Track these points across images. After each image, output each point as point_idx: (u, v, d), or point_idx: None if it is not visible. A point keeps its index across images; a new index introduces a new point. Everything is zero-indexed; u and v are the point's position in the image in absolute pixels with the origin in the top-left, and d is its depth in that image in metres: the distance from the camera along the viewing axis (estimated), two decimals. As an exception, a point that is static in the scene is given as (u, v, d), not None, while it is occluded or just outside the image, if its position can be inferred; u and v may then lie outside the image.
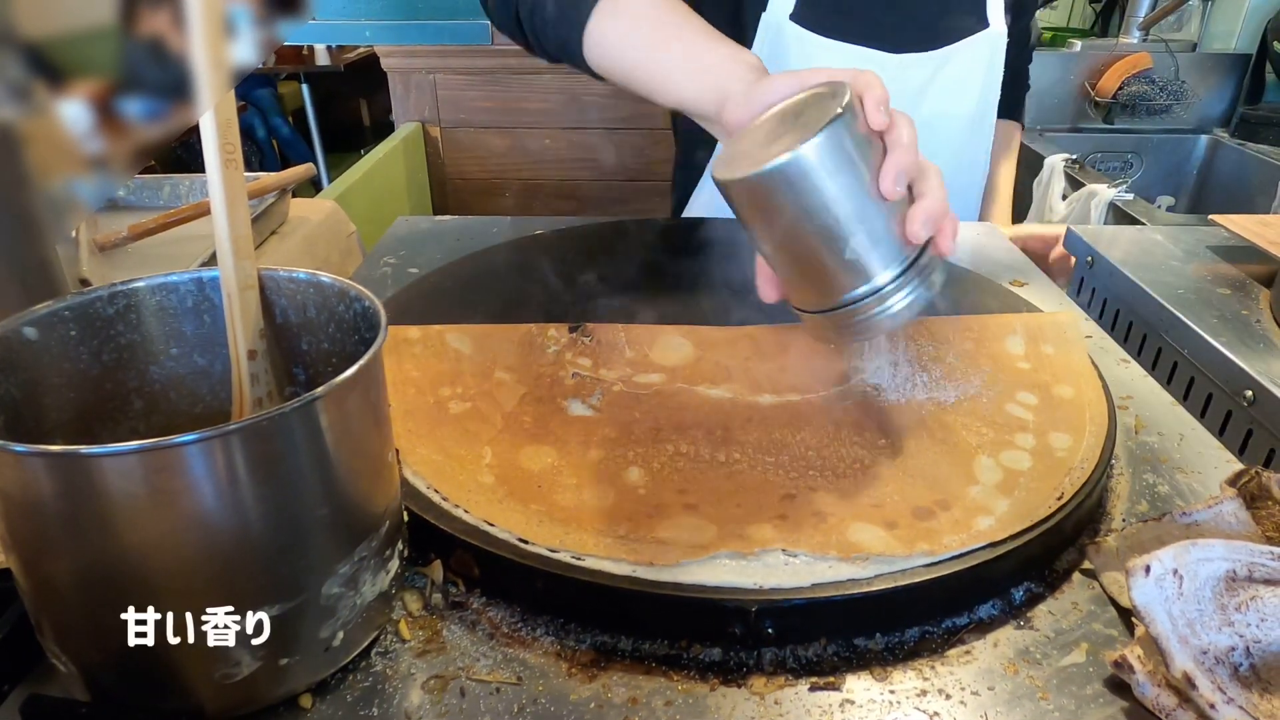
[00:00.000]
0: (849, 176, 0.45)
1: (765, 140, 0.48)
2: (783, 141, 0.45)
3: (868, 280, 0.47)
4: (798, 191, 0.45)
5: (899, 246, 0.47)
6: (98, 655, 0.36)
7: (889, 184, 0.46)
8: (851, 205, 0.45)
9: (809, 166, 0.44)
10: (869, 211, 0.46)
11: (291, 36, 2.76)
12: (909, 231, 0.47)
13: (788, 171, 0.44)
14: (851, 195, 0.45)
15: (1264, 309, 0.83)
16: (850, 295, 0.47)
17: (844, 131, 0.45)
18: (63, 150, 0.42)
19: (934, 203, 0.47)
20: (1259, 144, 1.88)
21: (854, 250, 0.46)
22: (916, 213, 0.47)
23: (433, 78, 2.07)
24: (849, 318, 0.48)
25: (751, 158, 0.46)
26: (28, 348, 0.39)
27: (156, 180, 1.15)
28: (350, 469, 0.37)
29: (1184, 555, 0.40)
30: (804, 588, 0.42)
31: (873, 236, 0.46)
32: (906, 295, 0.47)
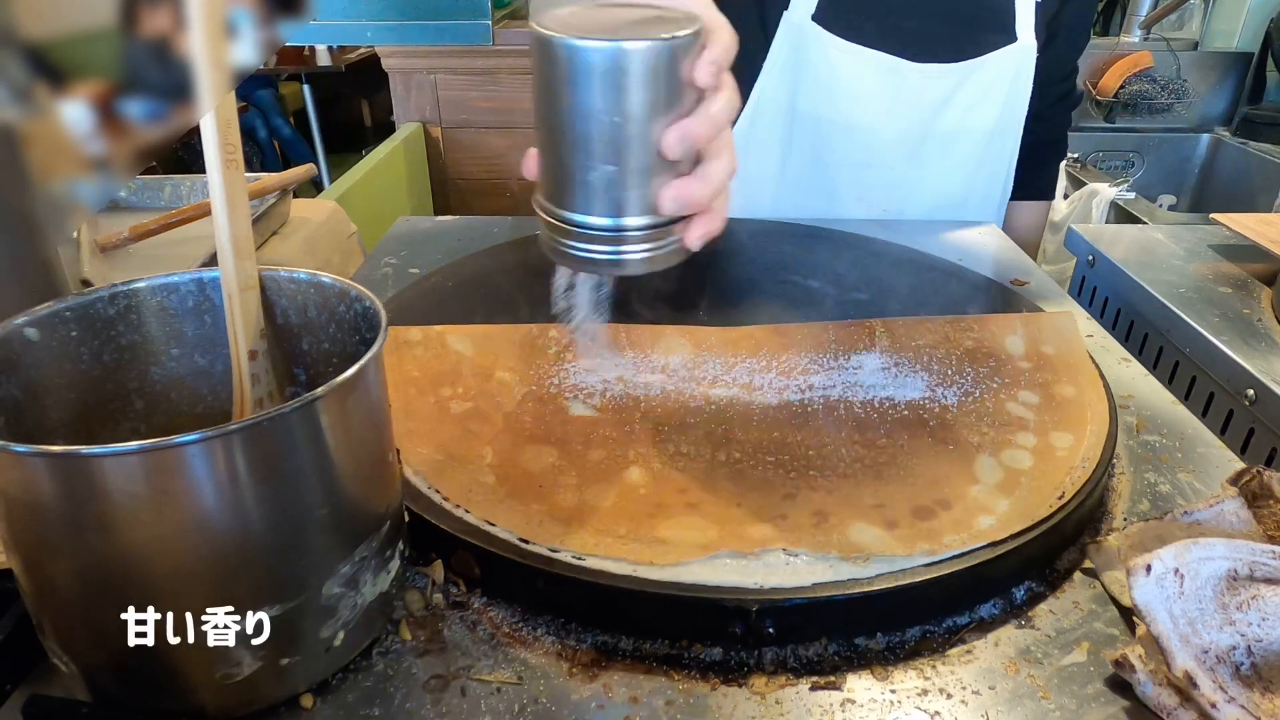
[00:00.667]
0: (634, 104, 0.41)
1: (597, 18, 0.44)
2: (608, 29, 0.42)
3: (587, 212, 0.44)
4: (582, 81, 0.41)
5: (643, 206, 0.43)
6: (99, 656, 0.36)
7: (670, 141, 0.42)
8: (625, 134, 0.42)
9: (612, 67, 0.41)
10: (635, 153, 0.42)
11: (293, 37, 2.76)
12: (657, 199, 0.43)
13: (591, 58, 0.41)
14: (630, 124, 0.42)
15: (1265, 308, 0.83)
16: (574, 216, 0.44)
17: (664, 59, 0.41)
18: (64, 151, 0.42)
19: (697, 186, 0.43)
20: (1261, 143, 1.87)
21: (600, 176, 0.43)
22: (673, 186, 0.43)
23: (434, 78, 2.07)
24: (565, 235, 0.45)
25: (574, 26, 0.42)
26: (29, 348, 0.39)
27: (157, 181, 1.15)
28: (351, 469, 0.37)
29: (1185, 554, 0.40)
30: (805, 587, 0.42)
31: (625, 178, 0.43)
32: (614, 253, 0.44)
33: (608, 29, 0.42)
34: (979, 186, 1.02)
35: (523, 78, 2.06)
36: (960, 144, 0.97)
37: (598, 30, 0.41)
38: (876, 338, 0.65)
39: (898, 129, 0.95)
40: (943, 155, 0.98)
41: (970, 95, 0.94)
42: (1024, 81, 0.96)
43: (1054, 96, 1.01)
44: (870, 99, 0.94)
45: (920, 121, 0.95)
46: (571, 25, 0.42)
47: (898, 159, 0.97)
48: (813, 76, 0.93)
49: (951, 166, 0.99)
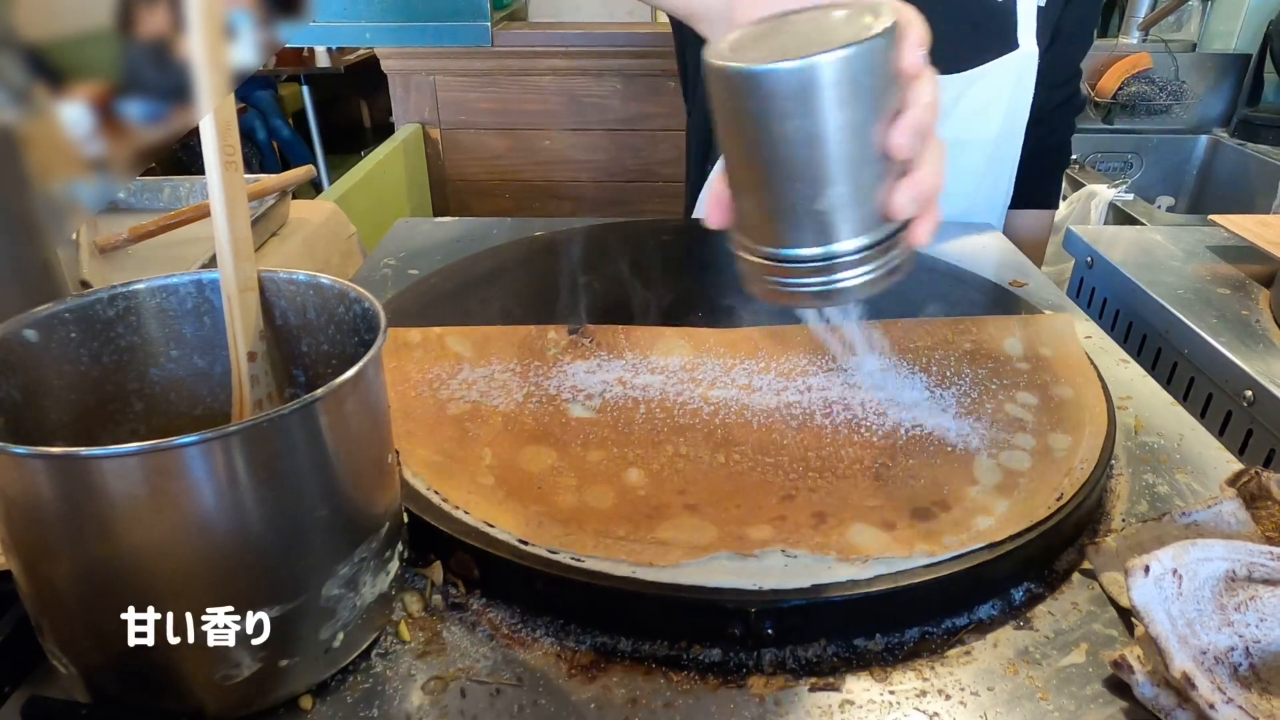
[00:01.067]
0: (858, 112, 0.38)
1: (776, 37, 0.40)
2: (798, 44, 0.38)
3: (826, 241, 0.40)
4: (796, 106, 0.37)
5: (875, 218, 0.40)
6: (98, 657, 0.36)
7: (902, 138, 0.39)
8: (847, 148, 0.38)
9: (821, 82, 0.37)
10: (862, 163, 0.39)
11: (292, 38, 2.76)
12: (894, 202, 0.40)
13: (794, 79, 0.37)
14: (852, 136, 0.38)
15: (1264, 309, 0.83)
16: (798, 251, 0.40)
17: (873, 59, 0.37)
18: (63, 153, 0.42)
19: (931, 178, 0.41)
20: (1259, 144, 1.88)
21: (828, 200, 0.39)
22: (909, 185, 0.40)
23: (433, 79, 2.07)
24: (784, 274, 0.41)
25: (753, 51, 0.38)
26: (28, 350, 0.39)
27: (157, 182, 1.15)
28: (350, 470, 0.37)
29: (1183, 555, 0.40)
30: (804, 588, 0.42)
31: (854, 194, 0.39)
32: (858, 275, 0.41)
33: (794, 45, 0.38)
34: (983, 195, 1.00)
35: (521, 79, 2.07)
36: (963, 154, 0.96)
37: (784, 49, 0.38)
38: (875, 339, 0.65)
39: None
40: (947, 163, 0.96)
41: (972, 105, 0.93)
42: (1026, 88, 0.94)
43: (1056, 101, 0.99)
44: None
45: None
46: (753, 53, 0.38)
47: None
48: None
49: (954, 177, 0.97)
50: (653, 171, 2.16)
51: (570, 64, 2.03)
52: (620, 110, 2.09)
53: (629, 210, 2.19)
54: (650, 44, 2.01)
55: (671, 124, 2.09)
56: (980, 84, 0.92)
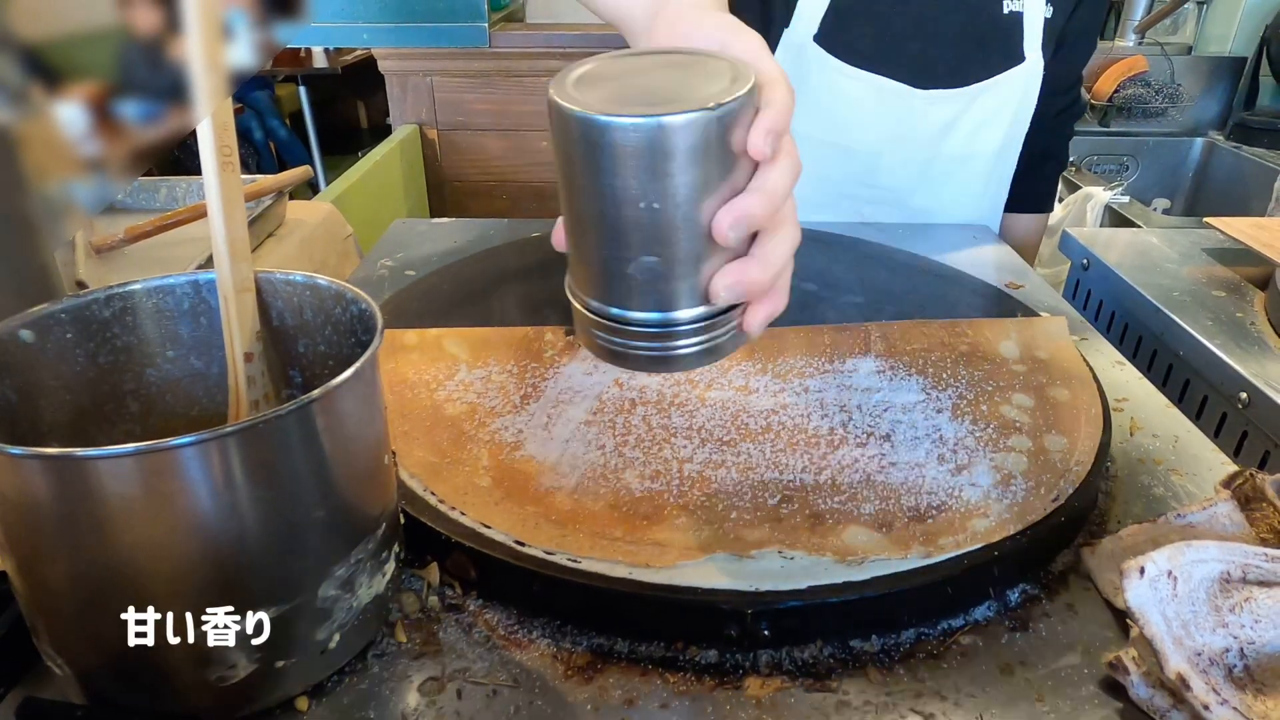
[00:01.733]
0: (687, 184, 0.34)
1: (629, 79, 0.37)
2: (641, 94, 0.35)
3: (629, 308, 0.37)
4: (619, 162, 0.34)
5: (693, 294, 0.37)
6: (94, 658, 0.36)
7: (722, 227, 0.35)
8: (669, 218, 0.35)
9: (648, 146, 0.33)
10: (680, 238, 0.36)
11: (289, 39, 2.76)
12: (712, 285, 0.37)
13: (621, 134, 0.33)
14: (676, 206, 0.35)
15: (1259, 311, 0.84)
16: (600, 307, 0.38)
17: (712, 130, 0.34)
18: (60, 154, 0.42)
19: (755, 270, 0.37)
20: (1254, 147, 1.88)
21: (643, 267, 0.36)
22: (731, 271, 0.37)
23: (430, 80, 2.07)
24: (594, 327, 0.39)
25: (597, 90, 0.35)
26: (24, 350, 0.39)
27: (153, 182, 1.15)
28: (346, 471, 0.37)
29: (1179, 557, 0.40)
30: (800, 589, 0.42)
31: (673, 267, 0.36)
32: (678, 349, 0.38)
33: (638, 95, 0.35)
34: (984, 208, 1.00)
35: (518, 80, 2.07)
36: (966, 168, 0.95)
37: (626, 97, 0.35)
38: (871, 341, 0.65)
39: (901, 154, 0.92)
40: (947, 179, 0.95)
41: (977, 118, 0.91)
42: (1030, 99, 0.93)
43: (1057, 108, 0.98)
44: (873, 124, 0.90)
45: (924, 146, 0.92)
46: (594, 93, 0.35)
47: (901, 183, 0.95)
48: (813, 99, 0.90)
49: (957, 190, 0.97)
50: (650, 173, 2.15)
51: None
52: (618, 112, 2.09)
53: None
54: (648, 46, 2.01)
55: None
56: (985, 97, 0.91)
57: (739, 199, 0.36)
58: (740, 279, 0.37)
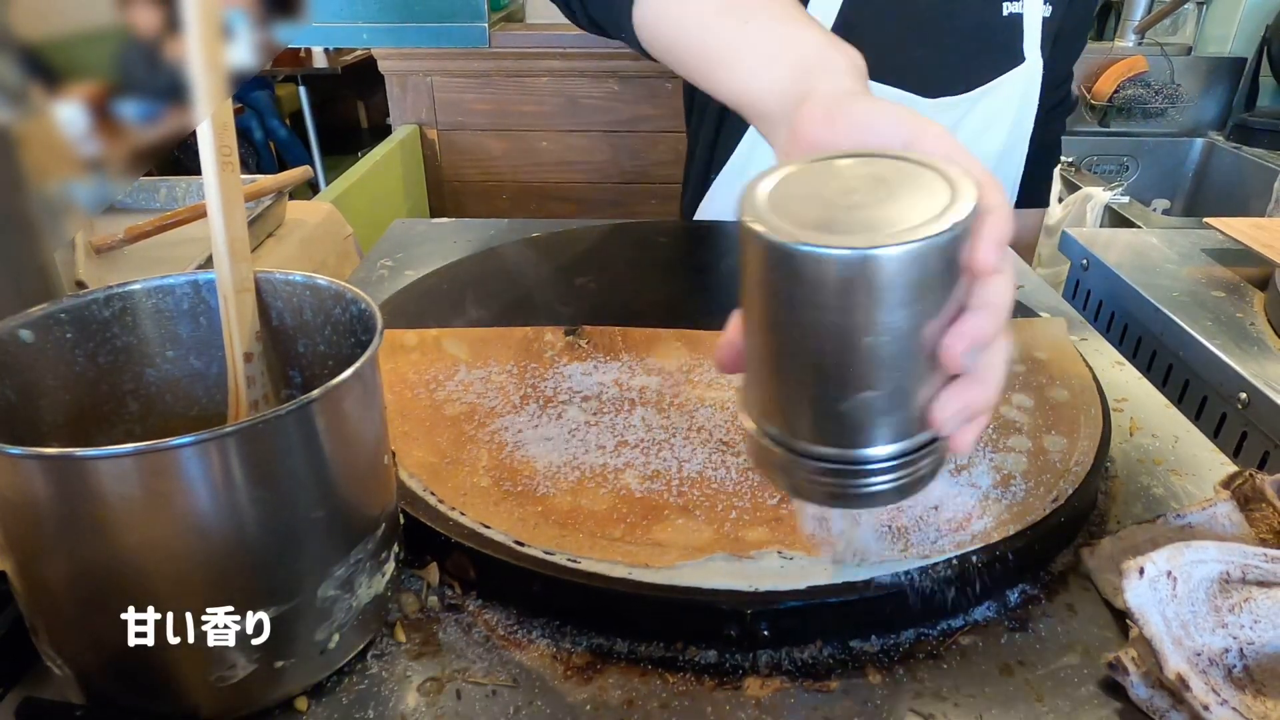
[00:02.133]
0: (913, 314, 0.31)
1: (826, 195, 0.33)
2: (849, 216, 0.31)
3: (847, 446, 0.33)
4: (838, 296, 0.30)
5: (910, 423, 0.33)
6: (93, 658, 0.36)
7: (957, 348, 0.32)
8: (891, 350, 0.31)
9: (874, 278, 0.30)
10: (905, 366, 0.32)
11: (289, 39, 2.76)
12: (936, 415, 0.33)
13: (843, 268, 0.30)
14: (899, 338, 0.31)
15: (1258, 312, 0.84)
16: (812, 449, 0.34)
17: (943, 253, 0.30)
18: (60, 154, 0.42)
19: (984, 391, 0.34)
20: (1254, 147, 1.88)
21: (856, 405, 0.32)
22: (957, 396, 0.33)
23: (430, 80, 2.07)
24: (793, 468, 0.35)
25: (796, 210, 0.31)
26: (24, 350, 0.39)
27: (153, 182, 1.15)
28: (346, 471, 0.37)
29: (1178, 557, 0.40)
30: (799, 590, 0.42)
31: (890, 400, 0.32)
32: (876, 485, 0.34)
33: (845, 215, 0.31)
34: None
35: (518, 80, 2.07)
36: None
37: (831, 219, 0.31)
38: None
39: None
40: None
41: (979, 121, 0.92)
42: (1031, 99, 0.94)
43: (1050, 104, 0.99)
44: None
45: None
46: (795, 209, 0.31)
47: None
48: None
49: None
50: (650, 173, 2.16)
51: (567, 65, 2.03)
52: (617, 112, 2.09)
53: (626, 212, 2.19)
54: (647, 46, 2.01)
55: (668, 126, 2.09)
56: (987, 100, 0.91)
57: (969, 320, 0.32)
58: (966, 404, 0.33)
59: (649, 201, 2.19)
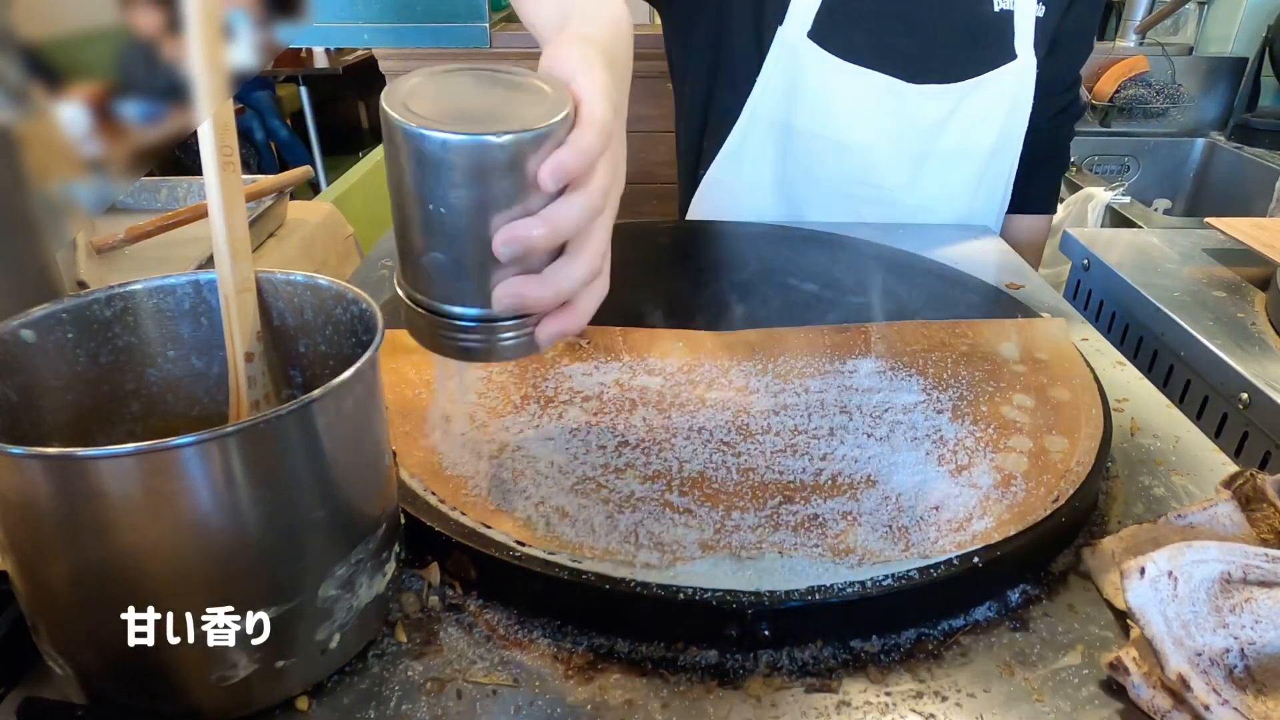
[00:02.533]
0: (467, 197, 0.38)
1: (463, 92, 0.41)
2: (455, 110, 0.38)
3: (435, 298, 0.41)
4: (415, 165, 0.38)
5: (483, 295, 0.40)
6: (94, 658, 0.36)
7: (497, 241, 0.38)
8: (450, 222, 0.38)
9: (434, 155, 0.37)
10: (463, 240, 0.39)
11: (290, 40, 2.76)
12: (494, 292, 0.40)
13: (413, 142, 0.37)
14: (455, 213, 0.38)
15: (1259, 312, 0.84)
16: (415, 295, 0.42)
17: (498, 156, 0.37)
18: (61, 154, 0.42)
19: (534, 288, 0.40)
20: (1255, 147, 1.88)
21: (431, 261, 0.40)
22: (512, 284, 0.39)
23: (431, 80, 2.06)
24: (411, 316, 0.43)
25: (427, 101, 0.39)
26: (25, 350, 0.39)
27: (154, 183, 1.15)
28: (347, 471, 0.37)
29: (1179, 557, 0.40)
30: (800, 590, 0.42)
31: (456, 265, 0.40)
32: (466, 341, 0.42)
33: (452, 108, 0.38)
34: (977, 206, 1.00)
35: (520, 80, 2.06)
36: (959, 165, 0.95)
37: (441, 109, 0.38)
38: (871, 342, 0.65)
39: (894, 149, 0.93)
40: (941, 176, 0.96)
41: (969, 115, 0.92)
42: (1024, 99, 0.94)
43: (1055, 109, 0.99)
44: (866, 119, 0.91)
45: (918, 142, 0.93)
46: (415, 97, 0.39)
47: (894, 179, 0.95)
48: (808, 94, 0.91)
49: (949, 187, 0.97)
50: (649, 173, 2.16)
51: (568, 65, 2.03)
52: (618, 112, 2.09)
53: (626, 212, 2.16)
54: (646, 46, 1.99)
55: (668, 126, 2.07)
56: (977, 94, 0.91)
57: (518, 221, 0.38)
58: (518, 292, 0.39)
59: (649, 201, 2.19)
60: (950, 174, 0.96)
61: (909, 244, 0.86)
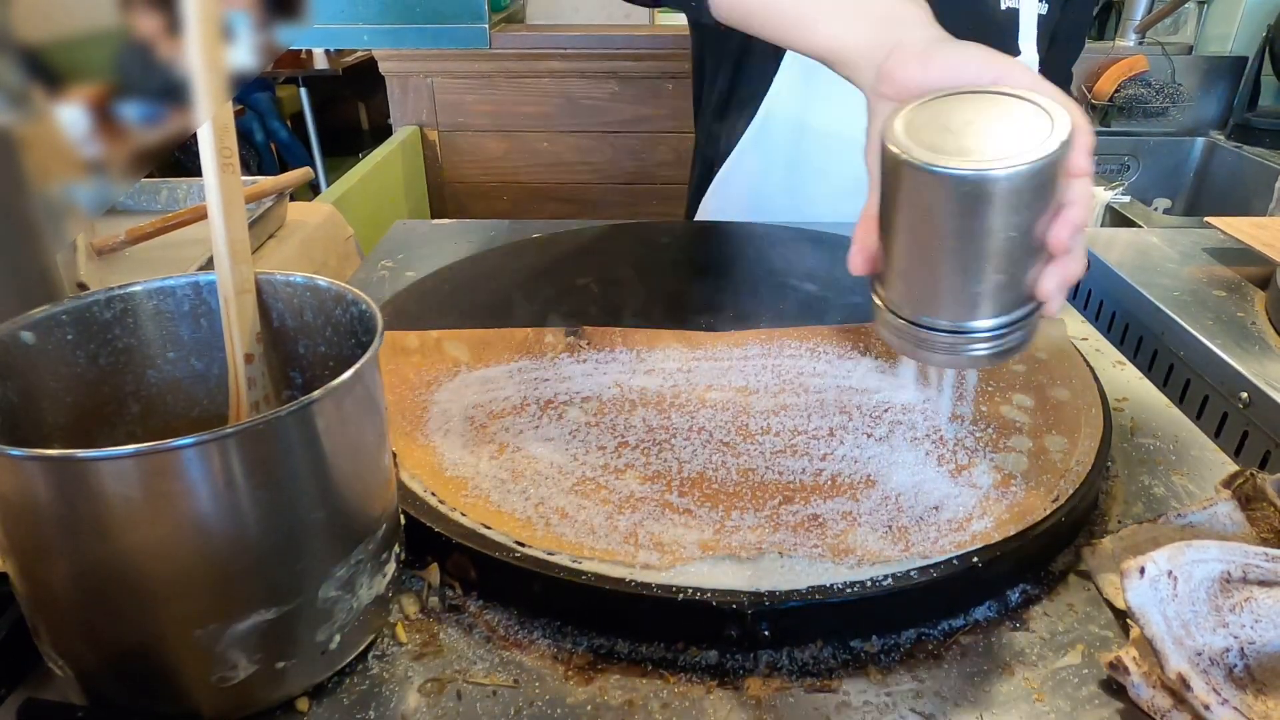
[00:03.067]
0: (1028, 215, 0.41)
1: (952, 125, 0.42)
2: (977, 141, 0.40)
3: (972, 318, 0.44)
4: (974, 207, 0.40)
5: (1021, 296, 0.44)
6: (94, 659, 0.36)
7: (1064, 234, 0.42)
8: (1012, 244, 0.41)
9: (1004, 190, 0.39)
10: (1021, 254, 0.42)
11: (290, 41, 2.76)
12: (1042, 289, 0.43)
13: (981, 185, 0.39)
14: (1018, 234, 0.41)
15: (1259, 311, 0.84)
16: (943, 323, 0.44)
17: (1054, 166, 0.40)
18: (61, 156, 0.42)
19: (1077, 265, 0.44)
20: (1255, 147, 1.88)
21: (983, 286, 0.43)
22: (1057, 272, 0.43)
23: (430, 81, 2.07)
24: (926, 338, 0.45)
25: (930, 138, 0.41)
26: (25, 352, 0.39)
27: (154, 184, 1.15)
28: (347, 472, 0.37)
29: (1179, 556, 0.40)
30: (800, 590, 0.42)
31: (1008, 281, 0.43)
32: (994, 346, 0.45)
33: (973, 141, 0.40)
34: None
35: (519, 81, 2.07)
36: None
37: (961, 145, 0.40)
38: (871, 342, 0.66)
39: None
40: None
41: None
42: None
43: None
44: None
45: None
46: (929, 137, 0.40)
47: None
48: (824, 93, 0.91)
49: None
50: (651, 173, 2.16)
51: (568, 66, 2.03)
52: (618, 112, 2.09)
53: (627, 212, 2.19)
54: (648, 46, 2.01)
55: (669, 126, 2.09)
56: None
57: (1070, 212, 0.42)
58: (1066, 275, 0.43)
59: (650, 202, 2.19)
60: None
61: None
